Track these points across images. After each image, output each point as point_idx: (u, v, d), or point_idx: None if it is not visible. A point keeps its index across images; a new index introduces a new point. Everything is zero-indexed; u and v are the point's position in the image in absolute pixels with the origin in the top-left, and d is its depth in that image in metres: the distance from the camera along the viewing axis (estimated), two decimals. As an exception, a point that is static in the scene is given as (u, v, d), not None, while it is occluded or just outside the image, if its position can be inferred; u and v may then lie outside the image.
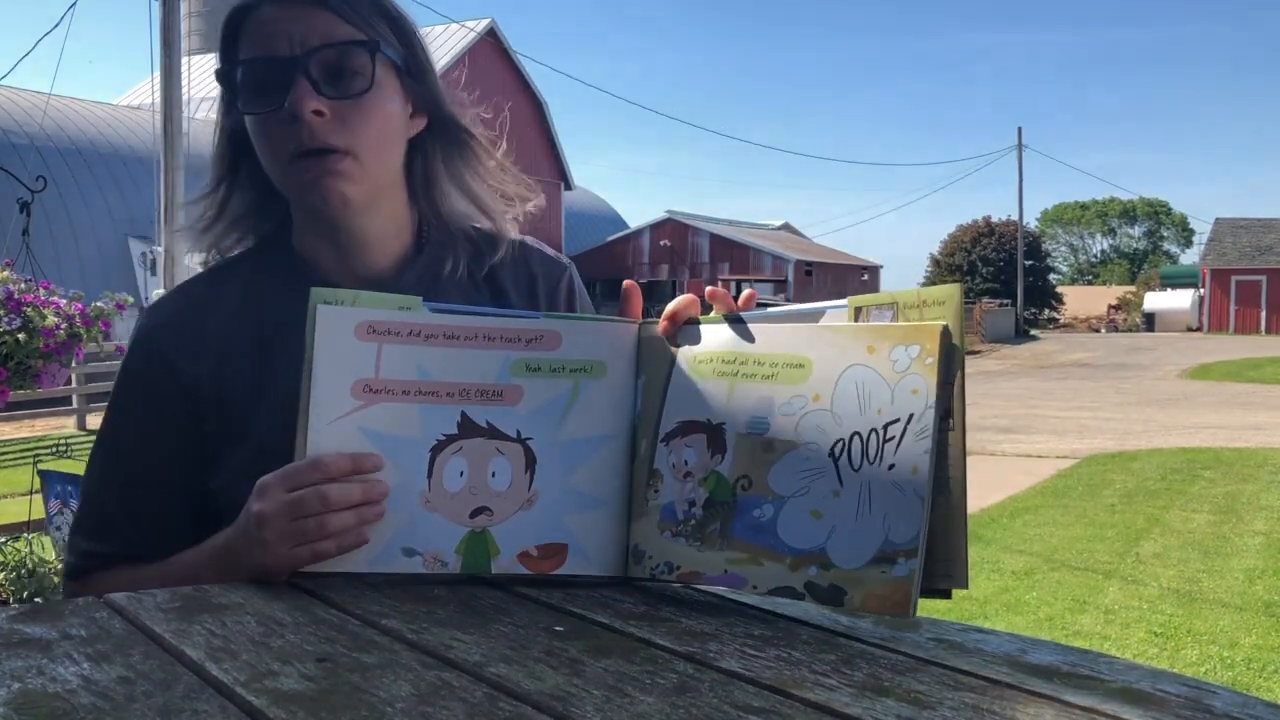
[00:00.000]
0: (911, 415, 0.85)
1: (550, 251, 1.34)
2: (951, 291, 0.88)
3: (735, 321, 0.98)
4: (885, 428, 0.86)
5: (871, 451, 0.86)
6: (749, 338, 0.96)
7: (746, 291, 1.04)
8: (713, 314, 1.01)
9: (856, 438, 0.87)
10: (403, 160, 1.21)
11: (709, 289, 1.02)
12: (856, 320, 0.92)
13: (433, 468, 0.96)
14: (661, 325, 1.01)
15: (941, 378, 0.85)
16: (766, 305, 1.03)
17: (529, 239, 1.33)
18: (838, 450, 0.88)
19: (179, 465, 1.16)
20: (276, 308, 1.16)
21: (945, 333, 0.86)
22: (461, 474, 0.97)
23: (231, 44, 1.16)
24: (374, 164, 1.15)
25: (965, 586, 0.85)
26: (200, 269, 1.28)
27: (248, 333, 1.18)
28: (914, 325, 0.88)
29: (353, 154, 1.12)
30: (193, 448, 1.16)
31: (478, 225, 1.28)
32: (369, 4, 1.15)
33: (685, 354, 0.99)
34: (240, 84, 1.14)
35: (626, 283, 1.09)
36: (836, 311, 0.94)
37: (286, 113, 1.09)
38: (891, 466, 0.85)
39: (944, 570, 0.86)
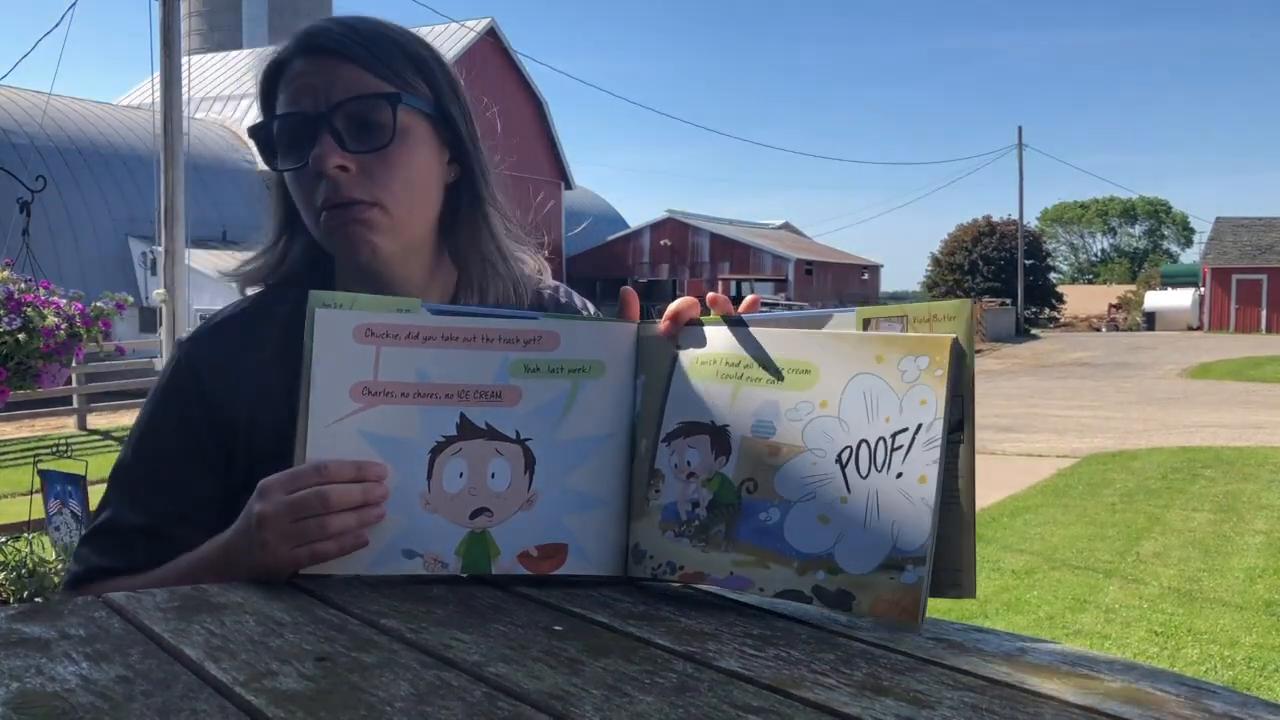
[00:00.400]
0: (920, 425, 0.85)
1: (578, 300, 1.37)
2: (962, 306, 0.88)
3: (739, 325, 0.97)
4: (893, 436, 0.86)
5: (879, 459, 0.87)
6: (754, 342, 0.96)
7: (749, 297, 1.03)
8: (713, 316, 1.01)
9: (864, 445, 0.88)
10: (439, 206, 1.21)
11: (710, 295, 1.01)
12: (865, 332, 0.92)
13: (432, 469, 0.96)
14: (664, 325, 1.00)
15: (951, 390, 0.86)
16: (768, 306, 1.03)
17: (561, 290, 1.35)
18: (845, 457, 0.88)
19: (209, 503, 1.15)
20: None
21: (955, 345, 0.86)
22: (461, 475, 0.96)
23: (269, 98, 1.18)
24: (403, 214, 1.15)
25: (973, 595, 0.86)
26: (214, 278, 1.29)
27: (285, 376, 1.14)
28: (923, 337, 0.88)
29: (380, 205, 1.13)
30: (221, 487, 1.15)
31: (516, 271, 1.27)
32: (400, 55, 1.16)
33: (688, 355, 0.99)
34: (274, 140, 1.15)
35: (624, 289, 1.08)
36: (842, 317, 0.94)
37: (312, 169, 1.11)
38: (899, 475, 0.85)
39: (951, 579, 0.86)
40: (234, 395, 1.17)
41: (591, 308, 1.37)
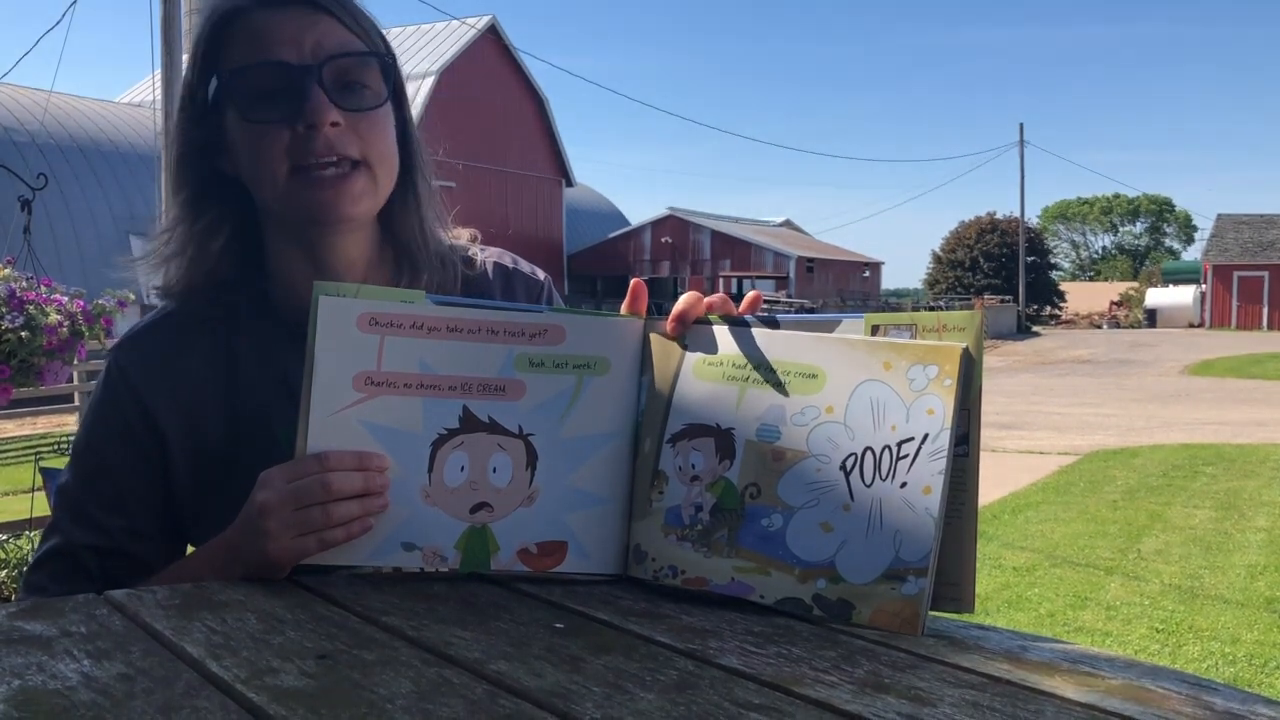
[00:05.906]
0: (926, 435, 0.85)
1: (526, 268, 1.31)
2: (972, 317, 0.88)
3: (746, 326, 0.96)
4: (899, 445, 0.86)
5: (884, 468, 0.86)
6: (761, 344, 0.95)
7: (751, 293, 1.02)
8: (715, 316, 1.00)
9: (869, 453, 0.87)
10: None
11: (709, 299, 0.99)
12: (875, 338, 0.91)
13: (434, 462, 0.96)
14: (670, 326, 0.99)
15: (959, 401, 0.85)
16: (769, 303, 1.02)
17: (506, 256, 1.30)
18: (849, 464, 0.88)
19: (160, 515, 1.15)
20: (250, 360, 1.15)
21: (965, 355, 0.86)
22: (462, 469, 0.96)
23: (214, 50, 1.10)
24: (384, 179, 1.12)
25: (972, 610, 0.85)
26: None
27: (220, 383, 1.15)
28: (933, 345, 0.87)
29: (367, 164, 1.09)
30: (168, 497, 1.15)
31: (453, 248, 1.24)
32: (369, 19, 1.13)
33: (695, 356, 0.98)
34: (240, 91, 1.08)
35: (634, 281, 1.05)
36: (851, 323, 0.93)
37: (302, 123, 1.06)
38: (904, 485, 0.85)
39: (951, 593, 0.86)
40: (169, 401, 1.14)
41: (541, 274, 1.32)
